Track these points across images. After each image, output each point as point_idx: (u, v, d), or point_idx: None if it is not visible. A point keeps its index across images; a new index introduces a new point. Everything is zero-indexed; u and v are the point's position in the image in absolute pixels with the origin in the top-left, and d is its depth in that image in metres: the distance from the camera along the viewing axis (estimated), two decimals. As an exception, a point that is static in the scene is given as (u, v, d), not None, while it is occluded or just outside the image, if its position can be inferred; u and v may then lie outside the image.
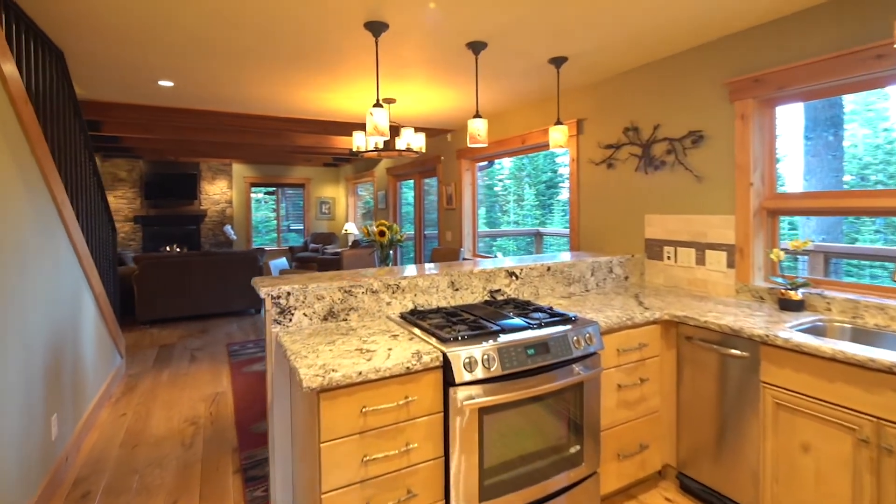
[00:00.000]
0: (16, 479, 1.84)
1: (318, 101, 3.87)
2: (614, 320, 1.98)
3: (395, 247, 3.89)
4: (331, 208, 10.62)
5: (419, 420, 1.53)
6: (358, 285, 2.02)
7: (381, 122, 2.21)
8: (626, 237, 3.08)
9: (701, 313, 2.06)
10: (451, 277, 2.25)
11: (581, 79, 3.19)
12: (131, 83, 3.16)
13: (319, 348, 1.63)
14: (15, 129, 1.93)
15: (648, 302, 2.32)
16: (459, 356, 1.56)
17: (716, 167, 2.48)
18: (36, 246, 2.11)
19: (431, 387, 1.55)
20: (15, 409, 1.87)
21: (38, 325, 2.10)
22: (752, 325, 1.85)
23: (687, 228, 2.65)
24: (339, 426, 1.40)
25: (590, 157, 3.32)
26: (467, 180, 5.16)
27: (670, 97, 2.71)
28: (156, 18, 2.16)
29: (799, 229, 4.45)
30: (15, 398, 1.88)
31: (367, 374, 1.42)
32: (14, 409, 1.86)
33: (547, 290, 2.54)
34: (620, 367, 2.01)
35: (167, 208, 8.95)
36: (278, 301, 1.86)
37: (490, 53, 2.65)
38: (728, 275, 2.45)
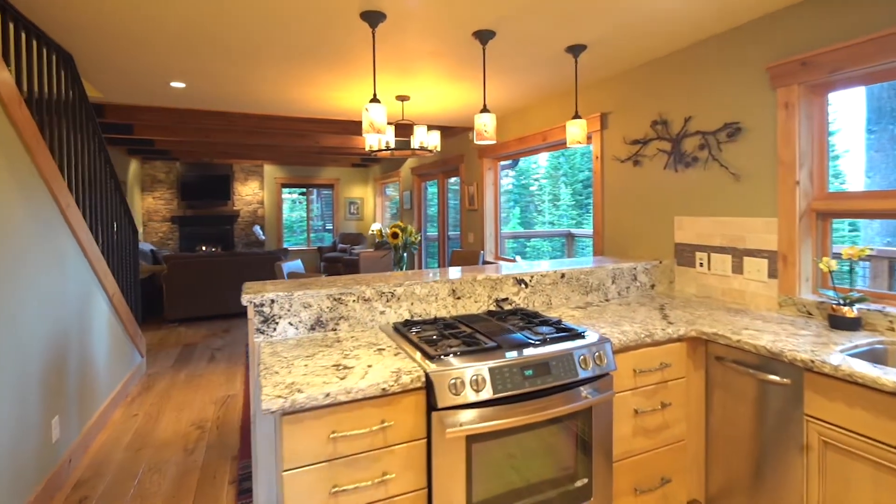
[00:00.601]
0: (6, 483, 1.82)
1: (329, 100, 3.79)
2: (631, 336, 1.75)
3: (410, 249, 3.75)
4: (359, 208, 10.65)
5: (397, 447, 1.37)
6: (349, 293, 1.88)
7: (377, 119, 2.08)
8: (653, 241, 2.81)
9: (734, 330, 1.79)
10: (453, 285, 2.08)
11: (603, 69, 2.94)
12: (143, 85, 3.17)
13: (295, 363, 1.50)
14: (8, 133, 1.91)
15: (675, 315, 2.07)
16: (444, 377, 1.39)
17: (755, 163, 2.19)
18: (33, 248, 2.11)
19: (412, 411, 1.39)
20: (6, 414, 1.85)
21: (35, 328, 2.09)
22: (796, 346, 1.58)
23: (722, 232, 2.36)
24: (303, 453, 1.27)
25: (615, 153, 3.07)
26: (489, 180, 4.96)
27: (703, 86, 2.43)
28: (163, 18, 2.11)
29: (861, 231, 3.99)
30: (6, 402, 1.86)
31: (337, 396, 1.28)
32: (4, 413, 1.85)
33: (561, 299, 2.32)
34: (638, 389, 1.78)
35: (202, 209, 9.22)
36: (261, 309, 1.75)
37: (500, 43, 2.46)
38: (769, 285, 2.15)
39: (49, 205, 2.24)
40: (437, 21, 2.18)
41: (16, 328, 1.94)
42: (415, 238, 3.73)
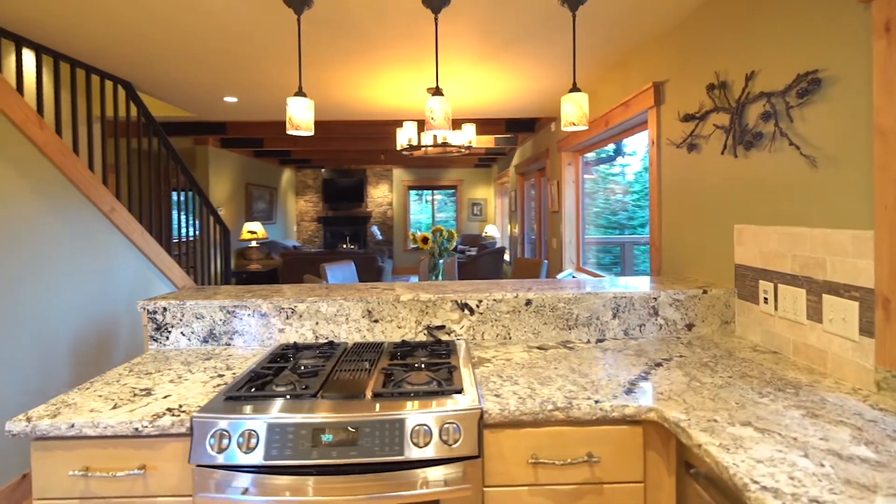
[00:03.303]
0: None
1: (380, 99, 3.69)
2: (529, 405, 1.17)
3: (445, 255, 3.42)
4: (482, 209, 10.51)
5: (162, 500, 1.15)
6: (243, 306, 1.72)
7: (298, 116, 1.85)
8: (709, 259, 1.94)
9: (738, 431, 1.05)
10: (368, 305, 1.73)
11: (651, 21, 2.15)
12: (200, 100, 3.55)
13: (124, 379, 1.40)
14: (29, 150, 2.30)
15: (667, 378, 1.34)
16: (207, 426, 1.11)
17: (841, 137, 1.28)
18: (66, 247, 2.50)
19: (179, 460, 1.15)
20: (29, 381, 2.23)
21: (64, 316, 2.48)
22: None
23: (794, 251, 1.47)
24: (54, 485, 1.14)
25: (669, 136, 2.23)
26: (569, 176, 4.25)
27: (769, 24, 1.55)
28: (205, 39, 2.30)
29: None
30: (31, 370, 2.24)
31: (82, 428, 1.12)
32: (29, 380, 2.22)
33: (526, 332, 1.75)
34: (541, 487, 1.18)
35: (341, 210, 10.29)
36: (154, 316, 1.72)
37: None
38: (862, 348, 1.23)
39: (88, 209, 2.65)
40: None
41: (42, 325, 2.32)
42: (449, 245, 3.38)
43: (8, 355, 2.20)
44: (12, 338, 2.22)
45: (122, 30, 2.24)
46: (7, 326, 2.20)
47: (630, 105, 2.59)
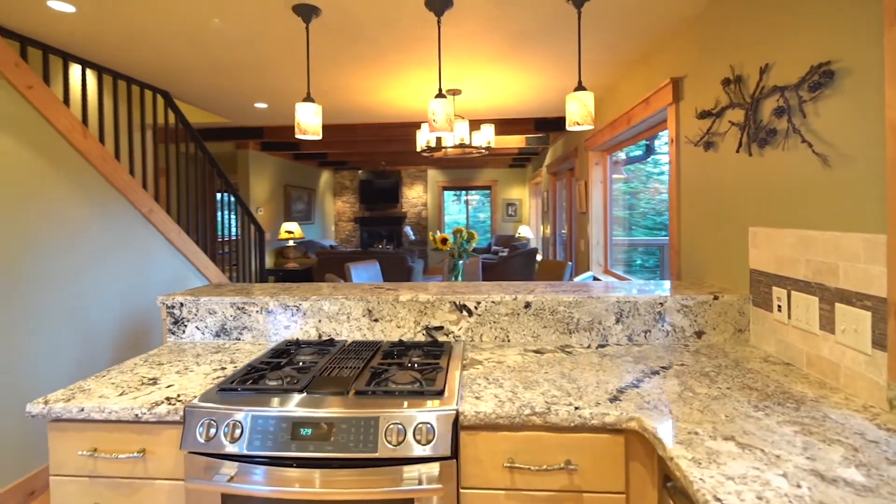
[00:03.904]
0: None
1: (398, 102, 3.75)
2: (506, 409, 1.16)
3: (465, 256, 3.42)
4: (517, 210, 10.40)
5: (160, 482, 1.23)
6: (251, 302, 1.81)
7: (305, 121, 1.92)
8: (726, 263, 1.85)
9: (717, 445, 1.00)
10: (368, 304, 1.77)
11: (676, 15, 2.06)
12: (234, 108, 3.74)
13: (137, 368, 1.51)
14: (74, 157, 2.51)
15: (659, 387, 1.29)
16: (197, 416, 1.18)
17: (854, 133, 1.19)
18: (106, 248, 2.71)
19: (174, 446, 1.23)
20: (67, 362, 2.44)
21: (106, 308, 2.69)
22: None
23: (807, 256, 1.37)
24: (67, 462, 1.25)
25: (687, 133, 2.13)
26: (597, 176, 4.13)
27: (784, 13, 1.45)
28: (231, 49, 2.46)
29: None
30: (72, 358, 2.45)
31: (91, 413, 1.22)
32: (68, 361, 2.44)
33: (525, 335, 1.74)
34: (518, 492, 1.17)
35: (377, 211, 10.50)
36: (172, 311, 1.83)
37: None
38: (875, 362, 1.14)
39: (128, 211, 2.86)
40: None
41: (85, 313, 2.53)
42: (469, 246, 3.38)
43: (54, 343, 2.41)
44: (58, 327, 2.43)
45: (156, 44, 2.41)
46: (53, 317, 2.41)
47: (650, 102, 2.49)
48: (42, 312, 2.35)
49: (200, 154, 3.63)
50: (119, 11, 2.06)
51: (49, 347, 2.39)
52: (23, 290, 2.27)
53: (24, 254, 2.28)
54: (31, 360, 2.30)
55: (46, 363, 2.37)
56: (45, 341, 2.37)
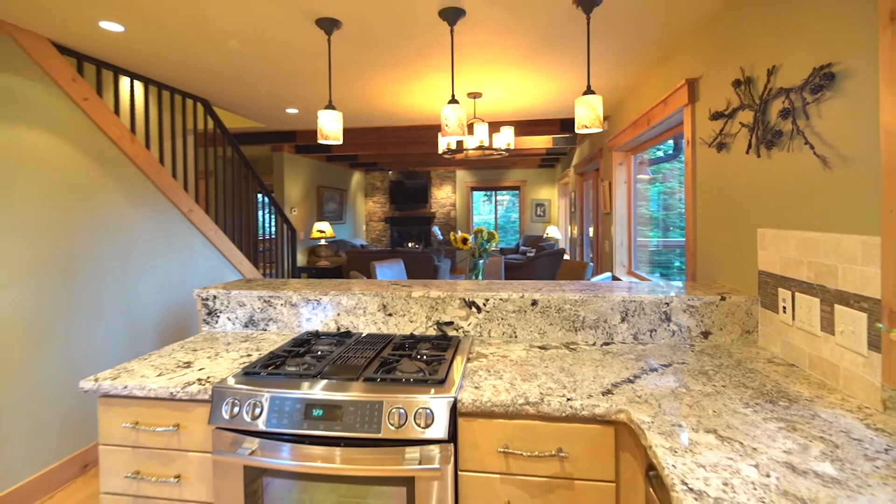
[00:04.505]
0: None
1: (418, 106, 3.86)
2: (502, 398, 1.23)
3: (485, 256, 3.49)
4: (546, 210, 10.35)
5: (191, 454, 1.38)
6: (276, 296, 1.95)
7: (327, 127, 2.04)
8: (738, 265, 1.85)
9: (697, 437, 1.04)
10: (383, 300, 1.88)
11: (690, 16, 2.07)
12: (267, 113, 3.94)
13: (175, 353, 1.67)
14: (123, 161, 2.74)
15: (655, 383, 1.33)
16: (224, 395, 1.32)
17: (853, 136, 1.19)
18: (150, 242, 2.95)
19: (203, 422, 1.37)
20: (118, 351, 2.68)
21: (151, 300, 2.93)
22: None
23: (809, 257, 1.38)
24: (112, 433, 1.42)
25: (702, 135, 2.13)
26: (621, 176, 4.11)
27: (790, 15, 1.46)
28: (263, 59, 2.65)
29: None
30: (119, 348, 2.69)
31: (133, 390, 1.38)
32: (118, 350, 2.67)
33: (532, 332, 1.80)
34: (513, 477, 1.24)
35: (406, 211, 10.69)
36: (207, 303, 2.00)
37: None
38: (871, 363, 1.15)
39: (170, 211, 3.09)
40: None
41: (131, 304, 2.77)
42: (488, 246, 3.45)
43: (104, 330, 2.66)
44: (109, 315, 2.67)
45: (196, 57, 2.61)
46: (105, 306, 2.65)
47: (668, 103, 2.49)
48: (95, 302, 2.60)
49: (237, 157, 3.86)
50: (162, 29, 2.26)
51: (101, 333, 2.63)
52: (78, 281, 2.51)
53: (80, 248, 2.53)
54: (86, 345, 2.55)
55: (99, 347, 2.61)
56: (98, 328, 2.61)
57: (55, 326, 2.39)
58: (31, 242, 2.29)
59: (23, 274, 2.26)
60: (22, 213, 2.25)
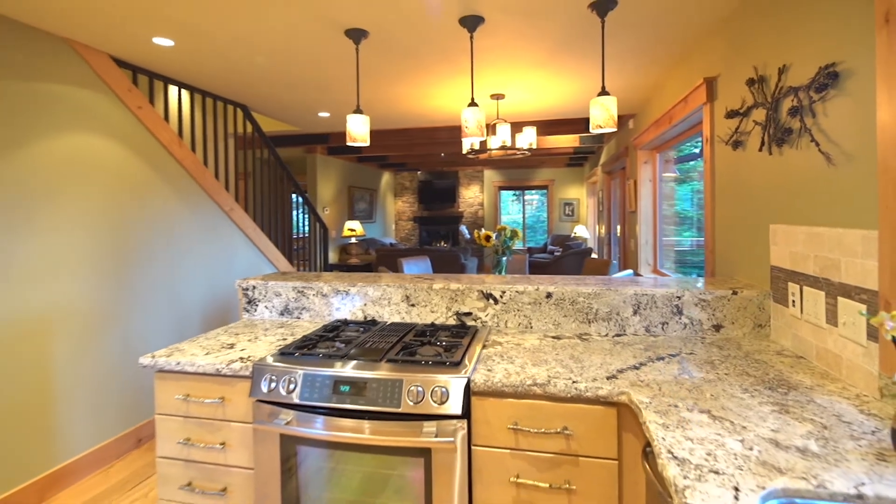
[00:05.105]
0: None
1: (445, 108, 3.98)
2: (511, 380, 1.34)
3: (508, 253, 3.58)
4: (574, 209, 10.29)
5: (234, 424, 1.55)
6: (309, 287, 2.11)
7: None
8: (753, 261, 1.88)
9: (690, 416, 1.12)
10: (406, 291, 2.01)
11: (707, 15, 2.10)
12: (301, 117, 4.15)
13: (219, 336, 1.85)
14: (173, 165, 2.99)
15: (659, 372, 1.40)
16: (263, 371, 1.48)
17: (856, 132, 1.23)
18: (197, 240, 3.19)
19: (245, 395, 1.53)
20: (168, 342, 2.93)
21: (196, 293, 3.17)
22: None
23: (815, 252, 1.41)
24: (167, 404, 1.61)
25: (720, 133, 2.16)
26: (646, 175, 4.11)
27: (799, 16, 1.49)
28: (298, 66, 2.85)
29: None
30: (167, 338, 2.94)
31: (184, 366, 1.56)
32: (167, 342, 2.93)
33: (546, 323, 1.89)
34: (521, 452, 1.34)
35: (435, 210, 10.84)
36: (247, 292, 2.19)
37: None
38: (869, 353, 1.19)
39: (213, 209, 3.33)
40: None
41: (178, 294, 3.02)
42: (511, 243, 3.54)
43: (154, 316, 2.90)
44: (157, 304, 2.92)
45: (237, 67, 2.82)
46: (154, 295, 2.90)
47: (688, 101, 2.52)
48: (146, 290, 2.85)
49: (273, 159, 4.09)
50: (208, 43, 2.46)
51: (151, 319, 2.88)
52: (133, 271, 2.77)
53: (134, 242, 2.78)
54: (139, 330, 2.80)
55: (149, 332, 2.86)
56: (149, 314, 2.86)
57: (113, 312, 2.65)
58: (93, 236, 2.55)
59: (86, 264, 2.51)
60: (86, 211, 2.51)
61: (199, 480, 1.58)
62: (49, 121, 2.35)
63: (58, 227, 2.38)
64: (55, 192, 2.37)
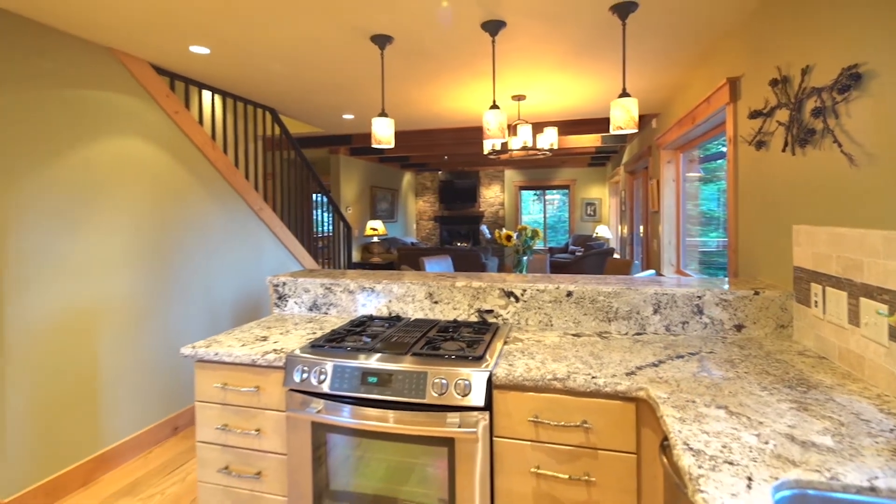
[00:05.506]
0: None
1: (464, 109, 4.03)
2: (532, 374, 1.39)
3: (528, 252, 3.62)
4: (596, 209, 10.20)
5: (268, 412, 1.64)
6: (336, 284, 2.20)
7: (380, 133, 2.27)
8: (776, 261, 1.88)
9: (708, 411, 1.15)
10: (430, 288, 2.08)
11: (730, 16, 2.10)
12: (326, 119, 4.27)
13: (253, 330, 1.96)
14: (207, 166, 3.13)
15: (678, 369, 1.43)
16: (296, 362, 1.56)
17: (879, 133, 1.24)
18: (228, 238, 3.33)
19: (278, 384, 1.62)
20: (200, 336, 3.07)
21: (227, 289, 3.31)
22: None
23: (838, 252, 1.42)
24: (206, 392, 1.71)
25: (743, 133, 2.16)
26: (669, 174, 4.07)
27: (822, 17, 1.49)
28: (324, 70, 2.97)
29: None
30: (201, 332, 3.08)
31: (222, 357, 1.66)
32: (199, 336, 3.07)
33: (567, 321, 1.93)
34: (541, 444, 1.39)
35: (455, 210, 10.91)
36: (277, 288, 2.29)
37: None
38: (892, 353, 1.20)
39: (243, 208, 3.46)
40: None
41: (211, 289, 3.16)
42: (532, 243, 3.58)
43: (189, 311, 3.05)
44: (192, 299, 3.07)
45: (266, 72, 2.94)
46: (190, 290, 3.05)
47: (711, 101, 2.51)
48: (183, 286, 2.99)
49: (299, 160, 4.22)
50: (241, 50, 2.58)
51: (187, 313, 3.02)
52: (170, 268, 2.91)
53: (172, 240, 2.93)
54: (176, 323, 2.95)
55: (185, 325, 3.01)
56: (185, 308, 3.01)
57: (153, 306, 2.80)
58: (136, 235, 2.70)
59: (130, 261, 2.66)
60: (130, 210, 2.66)
61: (235, 464, 1.68)
62: (96, 126, 2.51)
63: (105, 226, 2.53)
64: (103, 192, 2.52)
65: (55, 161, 2.32)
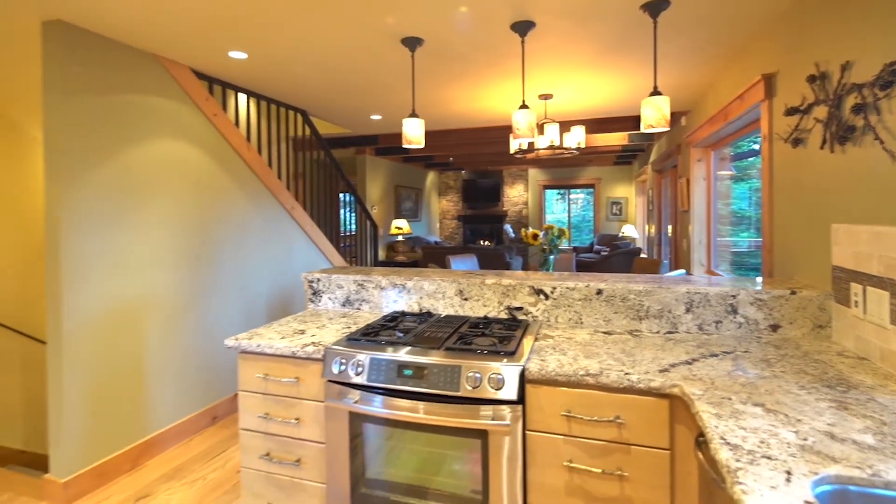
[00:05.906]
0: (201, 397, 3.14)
1: (488, 109, 4.05)
2: (567, 369, 1.41)
3: (555, 251, 3.62)
4: (622, 208, 10.06)
5: (307, 402, 1.71)
6: (368, 280, 2.27)
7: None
8: (813, 261, 1.85)
9: (744, 408, 1.16)
10: (460, 286, 2.12)
11: (766, 12, 2.07)
12: (354, 120, 4.35)
13: (290, 324, 2.04)
14: (242, 167, 3.24)
15: (712, 367, 1.44)
16: (334, 354, 1.63)
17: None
18: (262, 237, 3.45)
19: (317, 376, 1.69)
20: (238, 331, 3.20)
21: (261, 287, 3.43)
22: (764, 445, 0.94)
23: (878, 250, 1.40)
24: (249, 382, 1.80)
25: (779, 130, 2.12)
26: (699, 173, 4.01)
27: (863, 12, 1.46)
28: (354, 72, 3.05)
29: None
30: (238, 327, 3.21)
31: (264, 349, 1.74)
32: (238, 331, 3.19)
33: (597, 318, 1.94)
34: (574, 438, 1.41)
35: (479, 209, 10.92)
36: (312, 284, 2.37)
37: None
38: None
39: (276, 207, 3.58)
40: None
41: (247, 285, 3.28)
42: (558, 242, 3.58)
43: (226, 305, 3.17)
44: (229, 294, 3.19)
45: (299, 76, 3.04)
46: (226, 286, 3.17)
47: (745, 98, 2.47)
48: (220, 282, 3.12)
49: (328, 160, 4.33)
50: (276, 55, 2.68)
51: (224, 308, 3.15)
52: (209, 264, 3.04)
53: (211, 237, 3.05)
54: (214, 317, 3.07)
55: (222, 319, 3.13)
56: (222, 303, 3.13)
57: (193, 301, 2.93)
58: (178, 233, 2.83)
59: (173, 258, 2.80)
60: (172, 210, 2.79)
61: (276, 451, 1.76)
62: (142, 128, 2.64)
63: (151, 224, 2.67)
64: (149, 193, 2.66)
65: (105, 163, 2.46)
